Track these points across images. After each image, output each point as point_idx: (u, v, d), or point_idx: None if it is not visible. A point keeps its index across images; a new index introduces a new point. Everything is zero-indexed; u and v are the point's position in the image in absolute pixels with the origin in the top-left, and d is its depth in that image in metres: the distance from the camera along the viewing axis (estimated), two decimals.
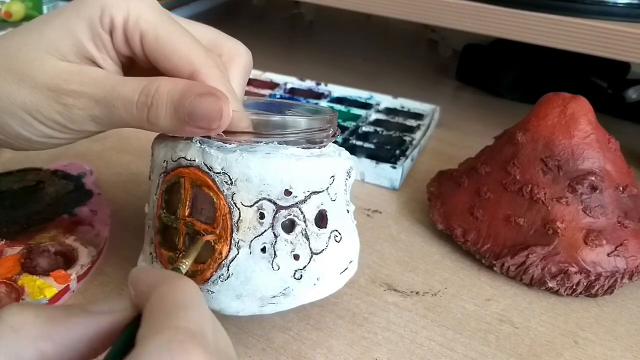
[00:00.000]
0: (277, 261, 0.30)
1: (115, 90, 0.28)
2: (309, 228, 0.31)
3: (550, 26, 0.54)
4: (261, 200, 0.29)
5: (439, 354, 0.34)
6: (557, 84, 0.54)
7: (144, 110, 0.28)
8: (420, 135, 0.58)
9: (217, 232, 0.30)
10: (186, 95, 0.27)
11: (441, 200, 0.45)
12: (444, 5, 0.58)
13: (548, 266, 0.39)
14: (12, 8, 0.80)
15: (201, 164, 0.29)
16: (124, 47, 0.29)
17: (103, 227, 0.40)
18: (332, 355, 0.33)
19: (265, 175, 0.29)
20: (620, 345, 0.36)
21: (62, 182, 0.45)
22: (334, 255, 0.32)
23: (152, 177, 0.33)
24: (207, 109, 0.27)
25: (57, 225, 0.40)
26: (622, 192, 0.41)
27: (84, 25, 0.28)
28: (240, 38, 0.33)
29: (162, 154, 0.31)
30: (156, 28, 0.28)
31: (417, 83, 0.79)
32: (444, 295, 0.39)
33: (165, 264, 0.31)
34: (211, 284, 0.30)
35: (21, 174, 0.45)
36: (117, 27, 0.28)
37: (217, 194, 0.29)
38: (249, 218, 0.29)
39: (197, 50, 0.29)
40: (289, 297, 0.31)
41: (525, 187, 0.41)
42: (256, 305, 0.31)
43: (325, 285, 0.32)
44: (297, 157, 0.30)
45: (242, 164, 0.29)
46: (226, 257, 0.30)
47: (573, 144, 0.41)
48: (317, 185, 0.31)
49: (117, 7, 0.28)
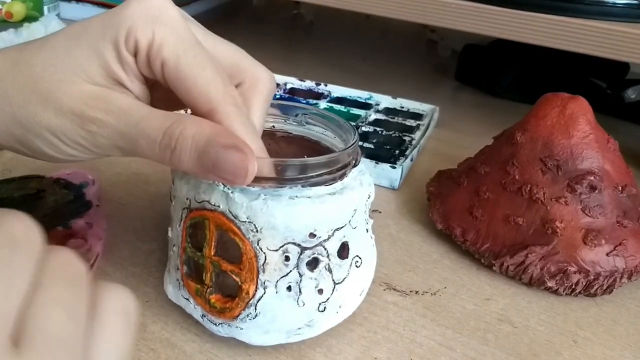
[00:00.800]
0: (302, 298, 0.31)
1: (139, 126, 0.27)
2: (331, 261, 0.31)
3: (549, 26, 0.54)
4: (286, 244, 0.30)
5: (439, 353, 0.34)
6: (556, 84, 0.54)
7: (167, 152, 0.27)
8: (419, 135, 0.58)
9: (244, 273, 0.30)
10: (212, 145, 0.26)
11: (440, 200, 0.46)
12: (444, 6, 0.58)
13: (547, 266, 0.39)
14: (13, 8, 0.80)
15: (226, 210, 0.30)
16: (146, 70, 0.29)
17: (96, 241, 0.39)
18: (332, 354, 0.33)
19: (291, 224, 0.29)
20: (619, 345, 0.36)
21: (62, 192, 0.44)
22: (355, 281, 0.33)
23: (174, 204, 0.33)
24: (232, 164, 0.26)
25: (51, 237, 0.38)
26: (621, 192, 0.42)
27: (110, 47, 0.28)
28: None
29: (184, 190, 0.32)
30: (178, 57, 0.28)
31: (417, 83, 0.79)
32: (443, 294, 0.39)
33: (194, 295, 0.32)
34: (240, 321, 0.31)
35: (23, 182, 0.44)
36: (140, 51, 0.28)
37: (243, 240, 0.30)
38: (275, 261, 0.30)
39: (217, 86, 0.28)
40: (313, 327, 0.32)
41: (524, 187, 0.41)
42: (283, 337, 0.32)
43: (346, 310, 0.34)
44: (321, 199, 0.30)
45: (267, 213, 0.29)
46: (253, 296, 0.30)
47: (572, 144, 0.41)
48: (340, 222, 0.31)
49: (142, 30, 0.27)
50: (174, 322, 0.35)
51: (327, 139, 0.36)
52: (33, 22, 0.75)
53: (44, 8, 0.84)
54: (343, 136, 0.35)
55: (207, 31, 0.31)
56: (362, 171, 0.34)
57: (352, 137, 0.33)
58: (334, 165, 0.31)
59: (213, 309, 0.32)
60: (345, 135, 0.35)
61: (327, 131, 0.36)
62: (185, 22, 0.29)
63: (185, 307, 0.34)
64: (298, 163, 0.30)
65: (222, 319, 0.32)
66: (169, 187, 0.34)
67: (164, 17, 0.28)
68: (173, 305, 0.35)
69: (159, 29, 0.28)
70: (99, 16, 0.29)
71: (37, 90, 0.28)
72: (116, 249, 0.40)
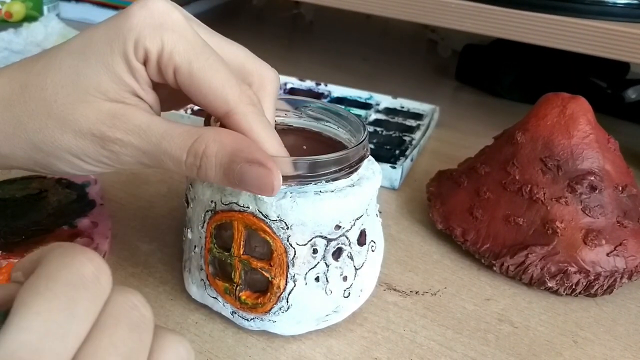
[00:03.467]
0: (329, 287, 0.33)
1: (161, 145, 0.27)
2: (352, 249, 0.33)
3: (550, 26, 0.54)
4: (314, 238, 0.31)
5: (439, 353, 0.34)
6: (557, 84, 0.54)
7: (194, 170, 0.28)
8: (419, 136, 0.58)
9: (274, 269, 0.31)
10: (235, 161, 0.27)
11: (441, 200, 0.46)
12: (444, 5, 0.58)
13: (547, 266, 0.39)
14: (13, 8, 0.80)
15: (255, 211, 0.31)
16: (157, 77, 0.28)
17: (102, 240, 0.39)
18: (332, 354, 0.33)
19: (319, 218, 0.31)
20: (619, 345, 0.36)
21: (65, 192, 0.44)
22: (372, 265, 0.35)
23: (194, 207, 0.34)
24: (258, 179, 0.27)
25: (56, 237, 0.39)
26: (621, 192, 0.41)
27: (120, 60, 0.27)
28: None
29: (208, 193, 0.32)
30: (190, 63, 0.27)
31: (417, 83, 0.79)
32: (443, 294, 0.39)
33: (222, 294, 0.33)
34: (272, 314, 0.32)
35: (25, 182, 0.44)
36: (151, 60, 0.28)
37: (274, 238, 0.31)
38: (304, 254, 0.31)
39: (232, 87, 0.28)
40: (340, 313, 0.34)
41: (524, 187, 0.41)
42: (313, 325, 0.34)
43: (365, 293, 0.35)
44: (344, 192, 0.31)
45: (297, 210, 0.30)
46: (284, 290, 0.32)
47: (572, 144, 0.41)
48: (360, 212, 0.33)
49: (151, 38, 0.27)
50: (173, 322, 0.35)
51: (330, 130, 0.37)
52: (33, 22, 0.75)
53: (44, 8, 0.84)
54: (347, 127, 0.36)
55: (210, 31, 0.31)
56: (371, 160, 0.35)
57: (361, 128, 0.34)
58: (352, 159, 0.32)
59: (244, 306, 0.33)
60: (349, 125, 0.35)
61: (328, 123, 0.37)
62: (191, 25, 0.29)
63: (213, 305, 0.34)
64: (325, 159, 0.30)
65: (254, 314, 0.33)
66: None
67: (170, 23, 0.28)
68: (173, 305, 0.35)
69: (168, 36, 0.27)
70: (101, 27, 0.28)
71: (52, 115, 0.27)
72: (116, 249, 0.40)
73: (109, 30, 0.28)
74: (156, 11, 0.28)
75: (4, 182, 0.44)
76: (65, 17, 0.87)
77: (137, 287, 0.37)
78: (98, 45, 0.28)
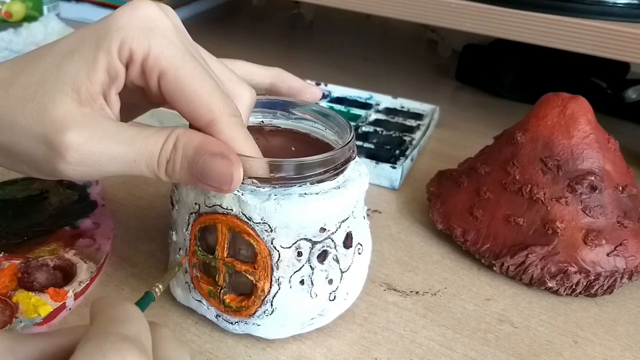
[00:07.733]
0: (314, 290, 0.32)
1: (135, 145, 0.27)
2: (338, 252, 0.32)
3: (550, 26, 0.54)
4: (298, 241, 0.31)
5: (439, 353, 0.34)
6: (557, 84, 0.54)
7: (163, 166, 0.28)
8: (420, 135, 0.58)
9: (258, 272, 0.31)
10: (199, 153, 0.27)
11: (441, 200, 0.45)
12: (444, 5, 0.58)
13: (547, 266, 0.39)
14: (13, 8, 0.80)
15: (239, 213, 0.30)
16: (139, 80, 0.28)
17: (104, 241, 0.39)
18: (332, 354, 0.33)
19: (303, 221, 0.30)
20: (619, 345, 0.36)
21: (66, 192, 0.44)
22: (358, 267, 0.34)
23: (178, 209, 0.34)
24: (218, 171, 0.27)
25: (58, 237, 0.39)
26: (621, 192, 0.41)
27: (102, 56, 0.27)
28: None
29: (191, 196, 0.32)
30: (177, 69, 0.27)
31: (417, 83, 0.79)
32: (443, 295, 0.39)
33: (206, 296, 0.33)
34: (257, 318, 0.32)
35: (26, 183, 0.44)
36: (135, 62, 0.27)
37: (257, 240, 0.30)
38: (288, 257, 0.31)
39: (218, 97, 0.28)
40: (325, 316, 0.34)
41: (524, 187, 0.41)
42: (297, 328, 0.33)
43: (351, 296, 0.35)
44: (329, 194, 0.31)
45: (280, 212, 0.30)
46: (268, 293, 0.31)
47: (572, 144, 0.41)
48: (346, 214, 0.32)
49: (138, 41, 0.27)
50: (173, 322, 0.35)
51: (317, 131, 0.36)
52: (33, 21, 0.75)
53: (44, 8, 0.84)
54: (335, 128, 0.35)
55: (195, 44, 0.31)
56: (357, 162, 0.34)
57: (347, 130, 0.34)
58: (338, 161, 0.31)
59: (228, 309, 0.32)
60: (336, 127, 0.35)
61: (316, 124, 0.36)
62: (179, 36, 0.29)
63: (197, 308, 0.34)
64: (310, 161, 0.30)
65: (238, 317, 0.32)
66: (168, 187, 0.34)
67: (161, 29, 0.28)
68: (172, 305, 0.35)
69: (156, 40, 0.27)
70: (92, 27, 0.28)
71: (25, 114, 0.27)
72: (116, 249, 0.40)
73: (98, 29, 0.28)
74: (147, 15, 0.28)
75: (5, 183, 0.44)
76: (65, 17, 0.87)
77: (137, 287, 0.37)
78: (86, 43, 0.28)
